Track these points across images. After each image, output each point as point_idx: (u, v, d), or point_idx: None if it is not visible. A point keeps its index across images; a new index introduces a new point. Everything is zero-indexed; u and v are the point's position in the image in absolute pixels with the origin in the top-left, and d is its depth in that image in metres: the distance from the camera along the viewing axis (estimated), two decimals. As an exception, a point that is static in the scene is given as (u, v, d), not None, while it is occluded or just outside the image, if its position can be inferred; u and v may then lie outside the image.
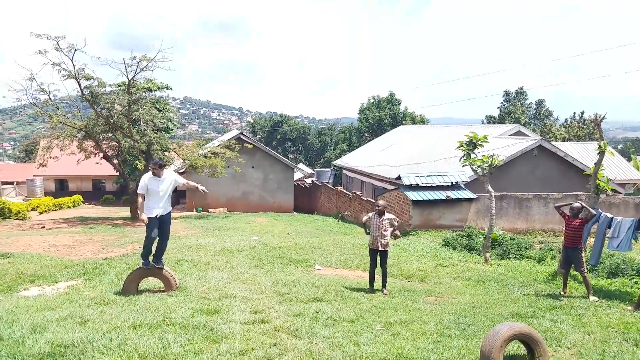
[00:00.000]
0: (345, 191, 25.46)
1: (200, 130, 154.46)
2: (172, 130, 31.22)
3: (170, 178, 7.44)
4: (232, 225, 19.01)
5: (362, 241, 14.38)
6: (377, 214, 8.60)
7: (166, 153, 22.25)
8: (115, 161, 21.83)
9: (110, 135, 20.82)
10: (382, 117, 47.70)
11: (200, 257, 11.10)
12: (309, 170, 45.80)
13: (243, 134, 28.73)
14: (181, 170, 27.52)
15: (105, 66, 20.23)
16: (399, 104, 49.48)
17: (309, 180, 35.80)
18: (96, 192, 39.00)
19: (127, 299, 7.01)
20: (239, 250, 12.28)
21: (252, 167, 27.89)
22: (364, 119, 49.09)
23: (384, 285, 8.65)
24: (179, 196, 31.11)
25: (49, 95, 20.07)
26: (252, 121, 64.33)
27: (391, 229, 8.65)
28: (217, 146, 23.80)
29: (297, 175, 39.54)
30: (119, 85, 21.80)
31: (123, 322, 5.77)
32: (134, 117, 20.03)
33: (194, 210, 27.13)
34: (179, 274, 8.68)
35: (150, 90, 23.63)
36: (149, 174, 7.33)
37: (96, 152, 21.35)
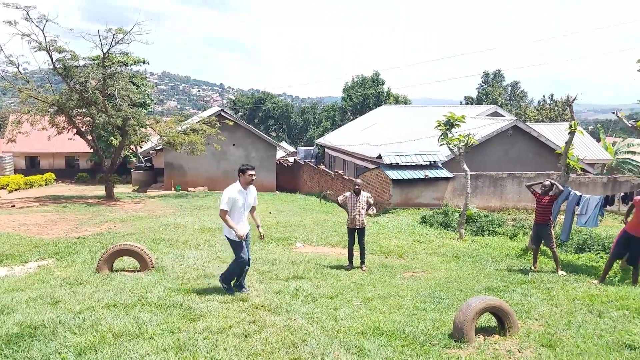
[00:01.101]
0: (327, 170, 25.52)
1: (179, 106, 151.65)
2: (149, 106, 30.64)
3: (254, 189, 6.54)
4: (213, 204, 18.92)
5: (343, 219, 14.51)
6: (354, 193, 8.72)
7: (143, 129, 21.84)
8: (90, 137, 21.24)
9: (84, 110, 20.23)
10: (367, 96, 47.60)
11: (178, 236, 11.06)
12: (292, 149, 45.66)
13: (224, 111, 28.30)
14: (158, 147, 27.18)
15: (79, 39, 19.43)
16: (383, 83, 49.39)
17: (291, 159, 35.72)
18: (70, 169, 37.98)
19: (101, 278, 6.96)
20: (219, 229, 12.26)
21: (233, 144, 27.63)
22: (348, 98, 48.91)
23: (362, 262, 8.81)
24: (156, 174, 30.74)
25: (18, 68, 19.35)
26: (233, 98, 63.33)
27: (368, 207, 8.80)
28: (197, 123, 23.43)
29: (280, 153, 39.39)
30: (94, 59, 21.18)
31: (97, 302, 5.75)
32: (109, 92, 19.53)
33: (173, 189, 26.88)
34: (156, 253, 8.66)
35: (126, 64, 23.02)
36: (237, 186, 6.29)
37: (69, 127, 20.77)
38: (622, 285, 7.05)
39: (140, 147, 29.77)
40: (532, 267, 8.68)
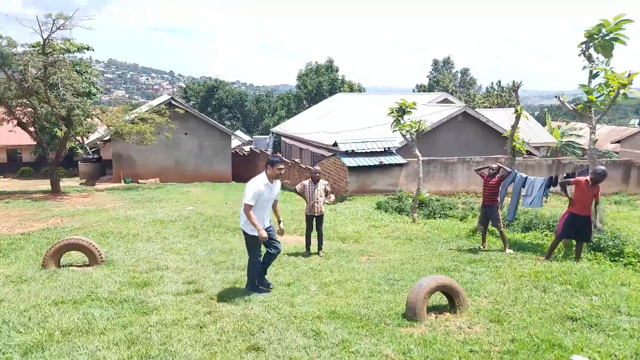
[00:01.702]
0: (284, 159, 25.41)
1: (127, 95, 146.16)
2: (95, 95, 29.29)
3: (279, 182, 6.21)
4: (165, 196, 18.45)
5: (301, 207, 14.53)
6: (313, 181, 8.72)
7: (89, 120, 20.92)
8: (32, 129, 20.12)
9: (24, 100, 19.14)
10: (321, 84, 47.52)
11: (128, 229, 10.72)
12: (247, 138, 45.12)
13: (174, 99, 27.45)
14: (106, 138, 26.12)
15: (16, 24, 18.30)
16: (337, 71, 49.43)
17: (247, 148, 35.29)
18: (12, 163, 35.91)
19: (48, 275, 6.66)
20: (172, 220, 12.00)
21: (186, 133, 26.93)
22: (303, 86, 48.68)
23: (320, 249, 8.86)
24: (104, 166, 29.62)
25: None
26: (184, 86, 61.47)
27: (325, 195, 8.84)
28: (146, 112, 22.63)
29: (235, 142, 38.79)
30: (33, 46, 20.00)
31: (43, 300, 5.52)
32: (51, 81, 18.52)
33: (122, 181, 25.98)
34: (105, 247, 8.38)
35: (69, 51, 21.83)
36: (263, 179, 5.88)
37: (9, 119, 19.60)
38: (565, 261, 7.46)
39: (87, 138, 28.56)
40: (481, 247, 9.05)
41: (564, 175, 8.35)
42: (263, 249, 6.13)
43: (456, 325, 4.73)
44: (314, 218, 8.83)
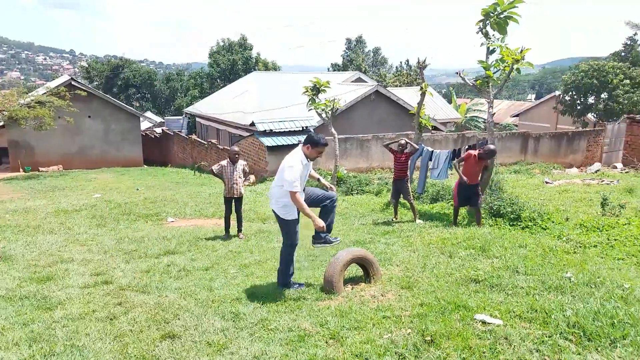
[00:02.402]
0: (200, 140, 24.64)
1: (22, 77, 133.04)
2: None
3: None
4: (70, 184, 17.23)
5: (218, 190, 14.23)
6: (231, 162, 8.51)
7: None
8: None
9: None
10: (235, 62, 46.26)
11: (28, 221, 9.91)
12: (159, 119, 43.10)
13: (75, 80, 25.43)
14: (0, 124, 23.75)
15: None
16: (251, 48, 48.35)
17: (159, 130, 33.70)
18: None
19: None
20: (77, 210, 11.24)
21: (89, 116, 25.15)
22: (215, 64, 47.08)
23: (239, 230, 8.76)
24: (0, 154, 26.92)
25: None
26: (87, 66, 56.95)
27: (244, 176, 8.70)
28: (43, 94, 20.84)
29: (145, 124, 36.94)
30: None
31: None
32: None
33: (21, 170, 23.81)
34: (2, 242, 7.68)
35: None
36: (302, 158, 5.13)
37: None
38: (469, 227, 8.01)
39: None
40: (394, 219, 9.50)
41: (466, 147, 8.94)
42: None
43: (370, 294, 4.91)
44: (233, 200, 8.68)
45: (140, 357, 3.82)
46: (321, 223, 5.00)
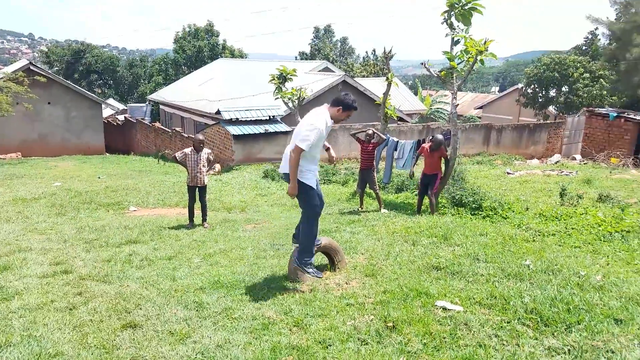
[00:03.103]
0: (164, 128, 24.14)
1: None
2: None
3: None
4: (29, 172, 16.59)
5: (182, 179, 14.01)
6: (195, 150, 8.38)
7: None
8: None
9: None
10: (201, 48, 45.33)
11: (-18, 210, 9.52)
12: (121, 106, 41.85)
13: (34, 64, 24.38)
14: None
15: None
16: (218, 35, 47.49)
17: (121, 117, 32.78)
18: None
19: None
20: (36, 198, 10.86)
21: (49, 103, 24.22)
22: (181, 50, 46.03)
23: (204, 219, 8.67)
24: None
25: None
26: (46, 50, 54.68)
27: (209, 164, 8.59)
28: (0, 79, 19.94)
29: (108, 112, 35.86)
30: None
31: None
32: None
33: (-24, 157, 22.78)
34: (-46, 232, 7.35)
35: None
36: (327, 118, 4.70)
37: None
38: (432, 216, 8.18)
39: None
40: (359, 208, 9.59)
41: (430, 137, 9.14)
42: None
43: (335, 282, 4.96)
44: (197, 189, 8.58)
45: (100, 346, 3.75)
46: (294, 191, 4.65)
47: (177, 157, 8.46)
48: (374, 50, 50.98)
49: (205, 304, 4.54)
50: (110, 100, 42.35)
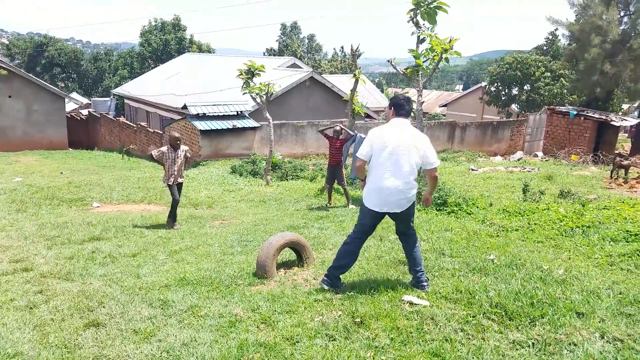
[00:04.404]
0: (129, 123, 23.55)
1: None
2: None
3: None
4: (-11, 167, 15.92)
5: (148, 175, 13.74)
6: (172, 148, 8.10)
7: None
8: None
9: None
10: (168, 42, 44.41)
11: None
12: (85, 100, 40.53)
13: (-10, 57, 23.43)
14: None
15: None
16: (185, 29, 46.63)
17: (85, 112, 31.78)
18: None
19: None
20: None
21: (10, 96, 23.24)
22: (147, 44, 44.97)
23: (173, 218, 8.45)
24: None
25: None
26: (7, 43, 52.54)
27: (186, 162, 8.36)
28: (-46, 71, 19.03)
29: (71, 106, 34.66)
30: None
31: None
32: None
33: None
34: None
35: None
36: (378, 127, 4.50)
37: None
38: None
39: None
40: (328, 204, 9.65)
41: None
42: None
43: (303, 278, 4.97)
44: (174, 187, 8.34)
45: (62, 346, 3.65)
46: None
47: (154, 156, 8.09)
48: (342, 48, 51.18)
49: (171, 302, 4.47)
50: (74, 94, 40.97)
